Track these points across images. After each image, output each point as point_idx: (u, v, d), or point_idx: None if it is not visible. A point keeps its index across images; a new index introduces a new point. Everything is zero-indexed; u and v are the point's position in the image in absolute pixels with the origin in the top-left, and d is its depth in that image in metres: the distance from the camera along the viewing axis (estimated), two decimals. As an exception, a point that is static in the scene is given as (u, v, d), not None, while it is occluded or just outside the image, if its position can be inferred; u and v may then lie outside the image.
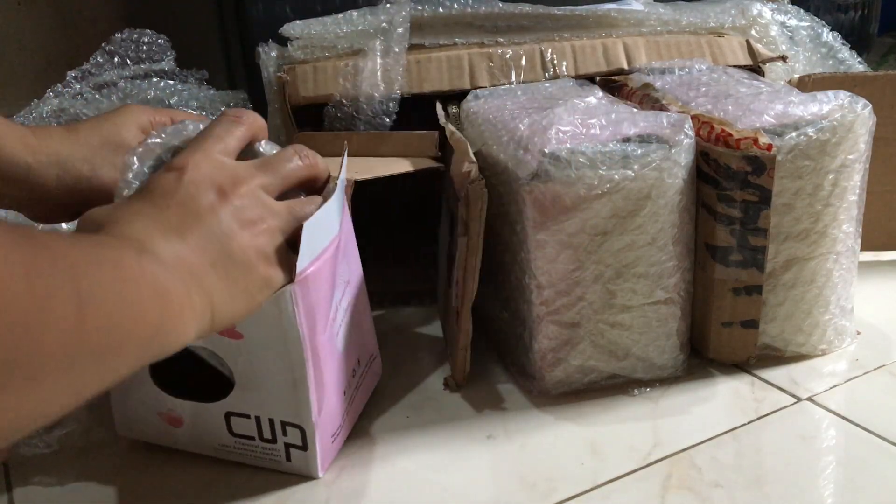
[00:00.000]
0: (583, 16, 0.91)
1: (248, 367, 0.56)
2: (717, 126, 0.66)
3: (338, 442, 0.61)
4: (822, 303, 0.71)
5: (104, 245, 0.42)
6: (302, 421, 0.56)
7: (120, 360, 0.38)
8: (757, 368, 0.71)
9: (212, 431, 0.59)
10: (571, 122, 0.65)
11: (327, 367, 0.57)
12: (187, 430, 0.60)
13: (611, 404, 0.67)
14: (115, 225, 0.45)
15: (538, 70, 0.86)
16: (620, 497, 0.57)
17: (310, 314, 0.54)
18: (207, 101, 0.94)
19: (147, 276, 0.41)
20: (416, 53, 0.84)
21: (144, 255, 0.43)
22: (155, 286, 0.41)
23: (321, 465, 0.58)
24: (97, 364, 0.36)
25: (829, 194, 0.68)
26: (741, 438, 0.62)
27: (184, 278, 0.44)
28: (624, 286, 0.65)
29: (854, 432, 0.63)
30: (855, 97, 0.68)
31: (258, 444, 0.58)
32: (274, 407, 0.57)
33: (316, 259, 0.54)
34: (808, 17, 1.01)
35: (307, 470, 0.58)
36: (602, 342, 0.66)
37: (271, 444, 0.58)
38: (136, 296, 0.39)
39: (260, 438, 0.58)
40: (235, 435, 0.59)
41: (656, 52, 0.88)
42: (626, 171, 0.62)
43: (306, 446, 0.57)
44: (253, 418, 0.57)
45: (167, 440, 0.61)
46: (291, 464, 0.58)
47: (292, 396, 0.55)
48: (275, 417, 0.57)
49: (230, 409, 0.58)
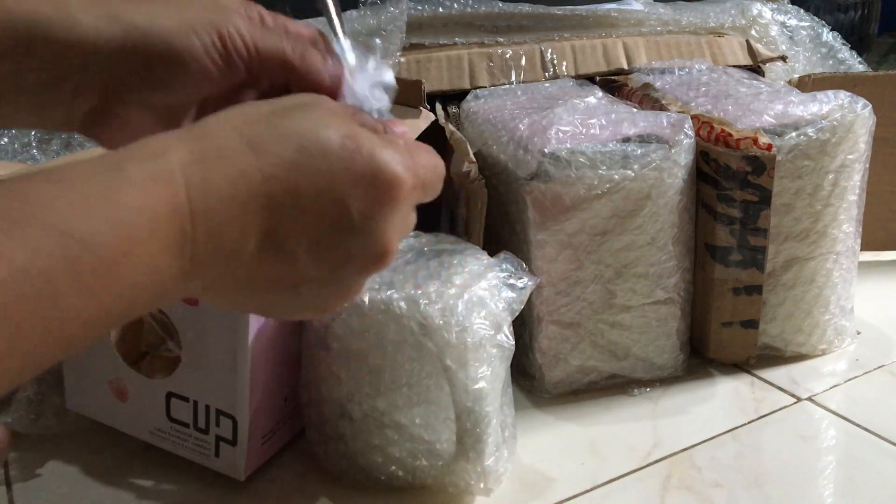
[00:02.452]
0: (583, 16, 0.92)
1: (197, 340, 0.56)
2: (717, 126, 0.66)
3: (270, 446, 0.60)
4: (822, 303, 0.71)
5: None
6: (235, 410, 0.56)
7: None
8: (757, 368, 0.71)
9: (151, 412, 0.59)
10: (571, 122, 0.65)
11: (270, 360, 0.57)
12: (130, 407, 0.60)
13: (611, 404, 0.67)
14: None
15: (538, 70, 0.86)
16: (620, 497, 0.57)
17: None
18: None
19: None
20: (416, 53, 0.84)
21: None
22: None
23: (247, 465, 0.58)
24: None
25: (829, 194, 0.68)
26: (741, 438, 0.62)
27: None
28: (624, 286, 0.65)
29: (854, 432, 0.63)
30: (855, 97, 0.68)
31: (191, 434, 0.59)
32: (212, 391, 0.57)
33: None
34: (808, 17, 1.01)
35: (232, 468, 0.58)
36: (602, 342, 0.66)
37: (203, 435, 0.58)
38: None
39: (194, 427, 0.58)
40: (172, 420, 0.59)
41: (656, 52, 0.88)
42: (625, 171, 0.62)
43: (236, 441, 0.57)
44: (191, 402, 0.58)
45: (111, 418, 0.62)
46: (219, 459, 0.58)
47: (230, 380, 0.56)
48: (211, 404, 0.57)
49: (172, 389, 0.58)
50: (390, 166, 0.36)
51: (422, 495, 0.56)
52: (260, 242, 0.35)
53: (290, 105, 0.37)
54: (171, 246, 0.32)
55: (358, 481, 0.57)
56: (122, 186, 0.31)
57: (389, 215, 0.37)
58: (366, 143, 0.36)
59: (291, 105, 0.37)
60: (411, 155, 0.38)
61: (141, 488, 0.59)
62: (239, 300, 0.38)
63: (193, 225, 0.32)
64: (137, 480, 0.60)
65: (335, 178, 0.35)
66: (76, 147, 0.87)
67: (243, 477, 0.58)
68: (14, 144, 0.88)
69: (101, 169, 0.32)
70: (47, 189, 0.30)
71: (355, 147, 0.36)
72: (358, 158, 0.36)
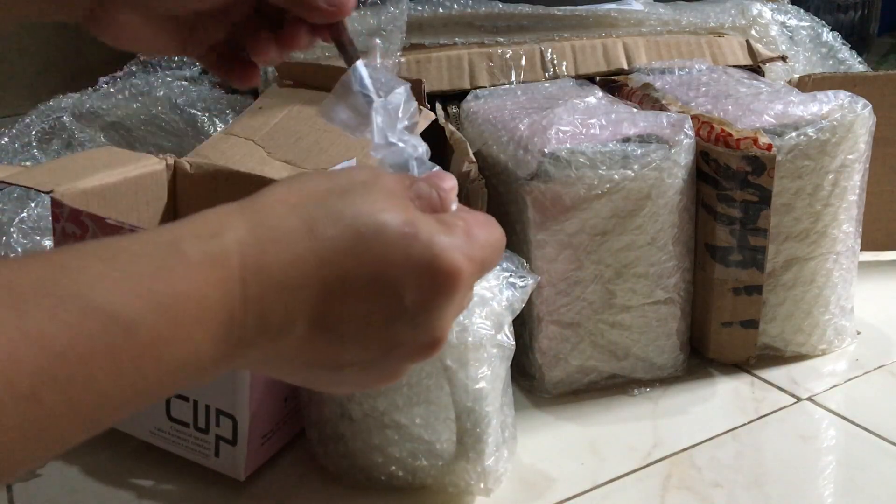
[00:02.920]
0: (583, 16, 0.92)
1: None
2: (717, 126, 0.66)
3: (270, 446, 0.60)
4: (822, 303, 0.71)
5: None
6: (235, 410, 0.56)
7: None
8: (757, 368, 0.71)
9: (151, 412, 0.59)
10: (571, 122, 0.65)
11: None
12: None
13: (611, 404, 0.67)
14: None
15: (538, 70, 0.86)
16: (620, 497, 0.57)
17: None
18: (213, 101, 0.94)
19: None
20: (416, 53, 0.84)
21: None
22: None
23: (247, 465, 0.58)
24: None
25: (829, 194, 0.68)
26: (741, 438, 0.62)
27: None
28: (624, 286, 0.65)
29: (854, 432, 0.63)
30: (855, 97, 0.68)
31: (191, 433, 0.59)
32: (212, 390, 0.57)
33: None
34: (808, 17, 1.01)
35: (232, 468, 0.58)
36: (602, 342, 0.66)
37: (203, 435, 0.58)
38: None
39: (194, 426, 0.58)
40: (172, 419, 0.59)
41: (656, 52, 0.88)
42: (625, 171, 0.62)
43: (236, 441, 0.57)
44: (191, 402, 0.58)
45: None
46: (219, 459, 0.58)
47: (230, 380, 0.56)
48: (211, 404, 0.57)
49: None
50: (448, 256, 0.35)
51: (422, 495, 0.56)
52: (308, 325, 0.34)
53: (348, 185, 0.36)
54: (218, 331, 0.31)
55: (358, 481, 0.57)
56: (176, 268, 0.30)
57: (445, 305, 0.35)
58: (424, 231, 0.35)
59: (350, 185, 0.36)
60: (470, 237, 0.36)
61: (141, 488, 0.59)
62: (279, 373, 0.38)
63: (244, 310, 0.32)
64: (137, 480, 0.60)
65: (391, 266, 0.34)
66: (76, 147, 0.88)
67: (243, 477, 0.58)
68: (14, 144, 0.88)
69: (155, 247, 0.31)
70: (98, 267, 0.29)
71: (413, 234, 0.34)
72: (416, 246, 0.34)
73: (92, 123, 0.91)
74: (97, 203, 0.63)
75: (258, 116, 0.74)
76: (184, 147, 0.85)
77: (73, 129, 0.90)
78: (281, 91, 0.78)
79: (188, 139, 0.88)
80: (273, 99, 0.77)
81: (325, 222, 0.34)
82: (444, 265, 0.35)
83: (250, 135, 0.71)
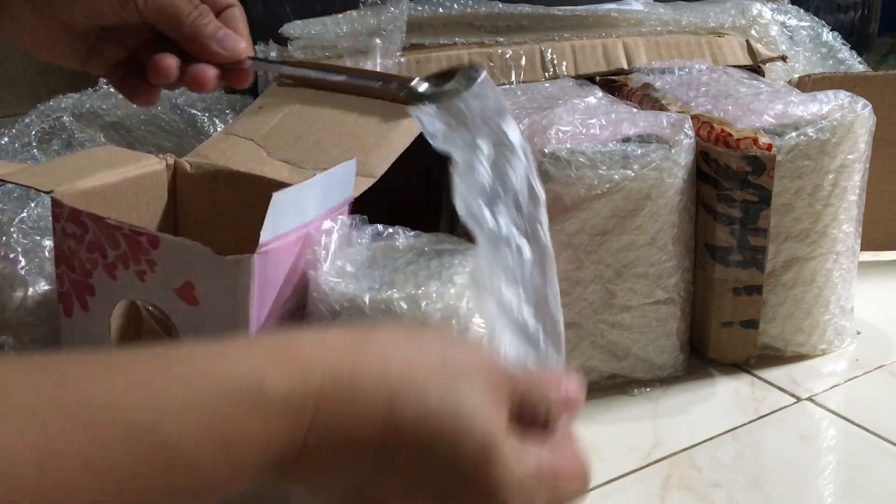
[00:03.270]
0: (583, 16, 0.91)
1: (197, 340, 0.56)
2: (717, 126, 0.66)
3: None
4: (822, 303, 0.71)
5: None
6: None
7: None
8: (757, 368, 0.71)
9: None
10: (571, 122, 0.65)
11: None
12: None
13: (611, 404, 0.67)
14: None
15: (538, 70, 0.86)
16: (620, 497, 0.57)
17: (263, 290, 0.53)
18: (213, 101, 0.94)
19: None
20: (416, 53, 0.84)
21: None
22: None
23: None
24: None
25: (829, 194, 0.68)
26: (741, 438, 0.62)
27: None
28: (624, 286, 0.65)
29: (854, 432, 0.63)
30: (855, 97, 0.68)
31: None
32: None
33: (279, 237, 0.53)
34: (808, 17, 1.01)
35: None
36: (602, 342, 0.66)
37: None
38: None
39: None
40: None
41: (656, 52, 0.88)
42: (625, 171, 0.62)
43: None
44: None
45: None
46: None
47: None
48: None
49: None
50: (508, 500, 0.33)
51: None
52: (342, 486, 0.33)
53: (456, 371, 0.33)
54: (268, 467, 0.31)
55: None
56: (254, 411, 0.30)
57: None
58: (499, 465, 0.32)
59: (458, 371, 0.33)
60: (554, 478, 0.34)
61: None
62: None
63: (297, 456, 0.31)
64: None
65: (448, 480, 0.33)
66: (76, 147, 0.88)
67: None
68: (14, 144, 0.88)
69: (239, 391, 0.30)
70: (176, 400, 0.29)
71: (484, 461, 0.32)
72: (481, 480, 0.32)
73: (92, 123, 0.91)
74: (97, 203, 0.63)
75: (258, 116, 0.73)
76: (184, 147, 0.84)
77: (73, 129, 0.90)
78: (281, 91, 0.78)
79: (188, 139, 0.88)
80: (273, 99, 0.77)
81: (408, 401, 0.32)
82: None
83: (250, 135, 0.71)
